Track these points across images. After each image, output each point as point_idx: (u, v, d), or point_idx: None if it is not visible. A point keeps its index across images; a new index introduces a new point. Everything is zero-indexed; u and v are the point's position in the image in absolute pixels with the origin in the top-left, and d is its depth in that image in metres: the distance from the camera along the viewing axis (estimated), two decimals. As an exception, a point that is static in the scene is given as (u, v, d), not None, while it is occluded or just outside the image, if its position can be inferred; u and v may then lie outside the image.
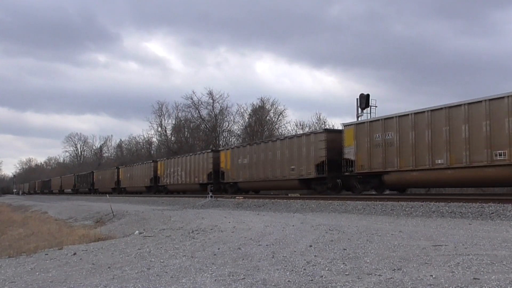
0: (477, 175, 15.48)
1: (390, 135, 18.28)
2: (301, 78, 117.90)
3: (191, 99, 57.17)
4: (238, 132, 55.76)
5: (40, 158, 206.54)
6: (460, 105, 15.83)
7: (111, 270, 6.63)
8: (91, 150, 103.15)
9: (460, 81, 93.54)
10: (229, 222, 12.01)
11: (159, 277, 5.78)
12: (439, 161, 16.33)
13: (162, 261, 6.98)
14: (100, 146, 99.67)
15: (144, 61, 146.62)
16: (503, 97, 14.61)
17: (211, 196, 24.41)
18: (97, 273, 6.45)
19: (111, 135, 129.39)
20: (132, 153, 74.39)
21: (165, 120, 65.93)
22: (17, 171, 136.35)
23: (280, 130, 50.62)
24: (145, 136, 70.81)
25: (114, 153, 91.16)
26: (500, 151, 14.54)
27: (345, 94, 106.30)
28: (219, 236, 9.38)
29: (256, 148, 27.16)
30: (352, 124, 20.22)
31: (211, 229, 10.57)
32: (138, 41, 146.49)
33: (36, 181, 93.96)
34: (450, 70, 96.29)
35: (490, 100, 14.91)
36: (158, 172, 39.61)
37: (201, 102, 56.73)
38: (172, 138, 64.04)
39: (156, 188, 40.14)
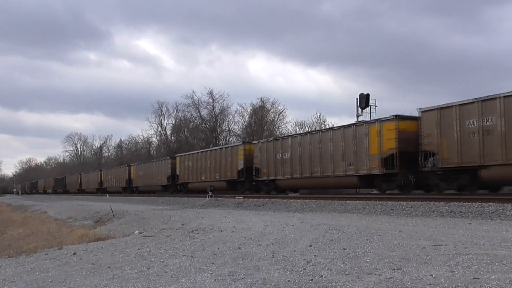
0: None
1: (190, 163, 35.25)
2: (295, 77, 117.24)
3: (191, 98, 57.30)
4: (239, 132, 55.84)
5: (37, 158, 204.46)
6: (213, 150, 33.45)
7: (111, 270, 6.63)
8: (91, 150, 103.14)
9: (456, 80, 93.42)
10: (229, 222, 12.01)
11: (159, 277, 5.77)
12: (202, 177, 33.18)
13: (162, 260, 6.98)
14: (100, 146, 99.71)
15: (136, 60, 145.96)
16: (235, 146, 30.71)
17: (211, 196, 24.42)
18: (97, 273, 6.44)
19: (111, 135, 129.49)
20: (132, 153, 74.38)
21: (165, 120, 66.04)
22: (17, 171, 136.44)
23: (280, 130, 50.71)
24: (145, 136, 70.95)
25: (114, 153, 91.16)
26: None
27: (340, 93, 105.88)
28: (219, 235, 9.38)
29: (145, 165, 44.79)
30: (178, 156, 38.16)
31: (211, 229, 10.57)
32: (129, 39, 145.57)
33: (26, 183, 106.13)
34: (446, 68, 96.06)
35: (230, 147, 31.51)
36: (103, 178, 56.29)
37: (201, 102, 56.85)
38: (172, 138, 64.08)
39: (101, 189, 54.82)
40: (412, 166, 17.77)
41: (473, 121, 15.75)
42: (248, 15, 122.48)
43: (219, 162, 30.97)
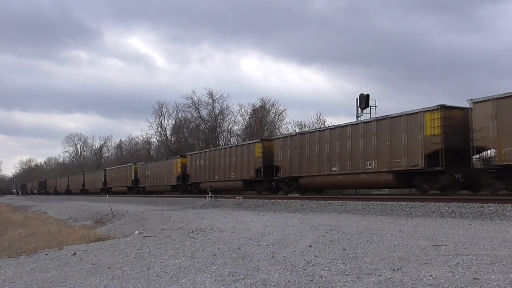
0: None
1: (113, 174, 51.64)
2: (289, 76, 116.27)
3: (191, 99, 57.34)
4: (238, 132, 55.85)
5: (34, 158, 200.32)
6: (123, 166, 52.05)
7: (111, 270, 6.63)
8: (91, 151, 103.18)
9: (452, 79, 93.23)
10: (229, 222, 12.01)
11: (159, 277, 5.78)
12: (117, 184, 50.69)
13: (162, 261, 6.98)
14: (100, 146, 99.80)
15: (127, 58, 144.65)
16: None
17: (211, 196, 24.42)
18: (97, 273, 6.44)
19: (111, 135, 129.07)
20: (131, 154, 74.44)
21: (165, 121, 66.06)
22: (17, 171, 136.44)
23: (280, 131, 50.68)
24: (144, 136, 71.08)
25: (114, 153, 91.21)
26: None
27: (335, 92, 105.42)
28: (219, 236, 9.38)
29: (91, 174, 62.53)
30: (108, 169, 53.99)
31: (211, 229, 10.57)
32: (118, 37, 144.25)
33: (18, 184, 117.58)
34: (441, 67, 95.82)
35: (127, 166, 50.70)
36: (69, 182, 71.73)
37: (201, 102, 56.88)
38: (172, 138, 64.10)
39: (68, 191, 70.24)
40: (185, 180, 36.47)
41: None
42: (238, 12, 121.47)
43: (125, 174, 49.33)
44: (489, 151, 15.19)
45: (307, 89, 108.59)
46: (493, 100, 15.22)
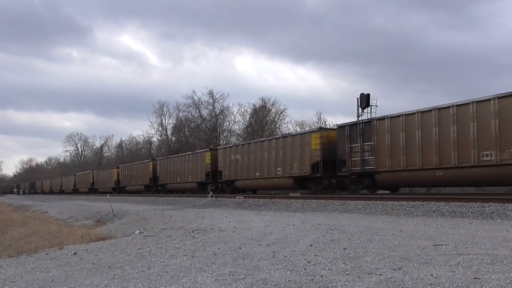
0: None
1: (84, 178, 63.75)
2: (284, 74, 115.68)
3: (192, 98, 57.37)
4: (239, 132, 55.87)
5: (35, 158, 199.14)
6: (88, 172, 63.97)
7: (111, 269, 6.64)
8: (91, 150, 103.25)
9: (448, 77, 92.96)
10: (230, 222, 12.01)
11: (159, 277, 5.78)
12: (85, 185, 62.77)
13: (162, 260, 6.98)
14: (101, 146, 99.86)
15: (120, 56, 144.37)
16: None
17: (212, 196, 24.42)
18: (98, 273, 6.45)
19: (112, 135, 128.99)
20: (132, 153, 74.45)
21: (165, 120, 66.11)
22: (18, 171, 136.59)
23: (281, 130, 50.69)
24: (145, 136, 71.16)
25: (115, 152, 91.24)
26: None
27: (331, 91, 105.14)
28: (219, 235, 9.38)
29: (66, 178, 74.67)
30: (77, 174, 68.73)
31: (212, 229, 10.57)
32: (110, 35, 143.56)
33: (14, 184, 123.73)
34: (437, 65, 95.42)
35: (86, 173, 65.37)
36: (52, 183, 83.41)
37: (201, 102, 56.91)
38: (173, 138, 64.14)
39: (51, 191, 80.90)
40: (119, 184, 50.09)
41: (234, 156, 29.48)
42: (230, 9, 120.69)
43: (87, 178, 60.49)
44: (222, 173, 30.56)
45: (303, 88, 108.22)
46: (222, 149, 31.91)
